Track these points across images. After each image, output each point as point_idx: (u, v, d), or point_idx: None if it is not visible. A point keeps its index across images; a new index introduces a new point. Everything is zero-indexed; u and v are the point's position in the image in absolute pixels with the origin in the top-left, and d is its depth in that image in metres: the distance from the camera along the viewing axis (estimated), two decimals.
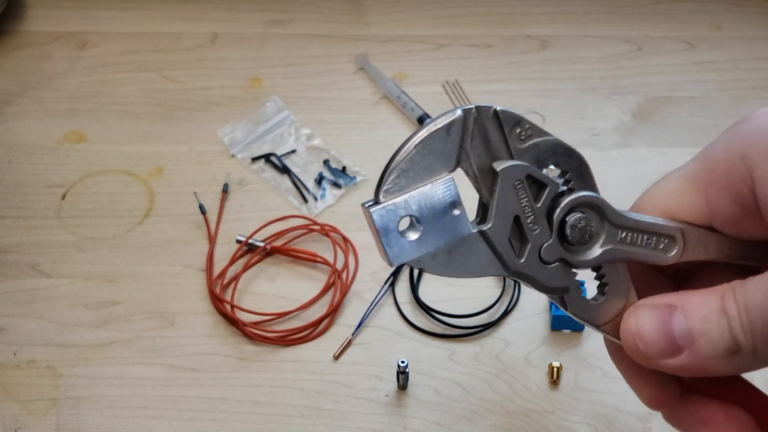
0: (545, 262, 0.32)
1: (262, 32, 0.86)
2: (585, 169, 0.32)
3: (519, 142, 0.31)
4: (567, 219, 0.31)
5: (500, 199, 0.31)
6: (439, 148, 0.30)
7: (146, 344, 0.62)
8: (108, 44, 0.85)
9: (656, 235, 0.33)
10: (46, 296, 0.65)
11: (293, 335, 0.62)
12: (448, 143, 0.30)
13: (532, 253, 0.31)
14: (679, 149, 0.74)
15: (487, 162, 0.31)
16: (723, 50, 0.84)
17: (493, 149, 0.30)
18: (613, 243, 0.32)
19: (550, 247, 0.32)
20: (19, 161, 0.74)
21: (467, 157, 0.30)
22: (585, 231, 0.32)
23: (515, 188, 0.31)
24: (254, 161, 0.73)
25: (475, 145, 0.30)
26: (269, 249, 0.67)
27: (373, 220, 0.29)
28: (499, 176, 0.30)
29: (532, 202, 0.31)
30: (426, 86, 0.80)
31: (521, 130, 0.31)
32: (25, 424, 0.58)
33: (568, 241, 0.32)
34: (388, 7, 0.88)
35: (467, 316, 0.63)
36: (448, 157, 0.30)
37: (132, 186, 0.72)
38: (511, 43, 0.85)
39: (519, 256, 0.31)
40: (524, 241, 0.31)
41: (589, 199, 0.32)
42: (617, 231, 0.32)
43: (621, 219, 0.32)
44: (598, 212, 0.32)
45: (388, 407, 0.58)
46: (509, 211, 0.31)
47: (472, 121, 0.30)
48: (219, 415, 0.58)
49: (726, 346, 0.29)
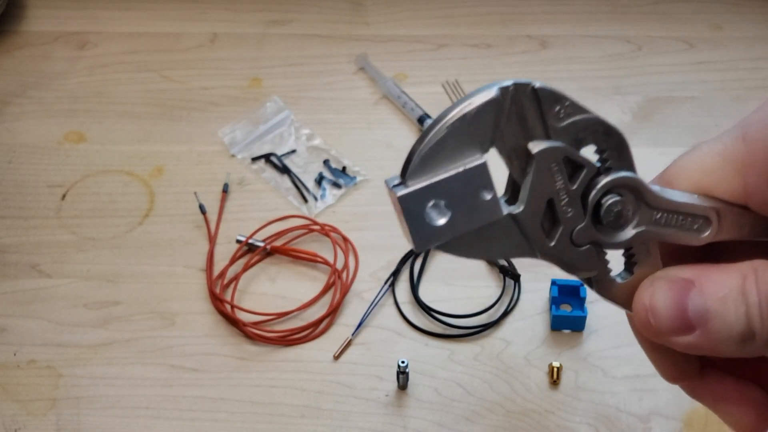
0: (576, 244, 0.30)
1: (262, 32, 0.86)
2: (624, 148, 0.30)
3: (557, 121, 0.29)
4: (603, 202, 0.30)
5: (534, 182, 0.29)
6: (473, 129, 0.28)
7: (146, 344, 0.62)
8: (108, 44, 0.85)
9: (691, 215, 0.31)
10: (46, 296, 0.65)
11: (293, 335, 0.62)
12: (482, 124, 0.28)
13: (564, 236, 0.30)
14: (679, 149, 0.74)
15: (522, 141, 0.29)
16: (723, 50, 0.84)
17: (529, 128, 0.28)
18: (647, 224, 0.31)
19: (583, 230, 0.30)
20: (19, 161, 0.74)
21: (501, 137, 0.28)
22: (621, 214, 0.30)
23: (551, 170, 0.29)
24: (254, 161, 0.73)
25: (510, 124, 0.28)
26: (269, 249, 0.67)
27: (400, 204, 0.27)
28: (534, 159, 0.28)
29: (567, 184, 0.29)
30: (426, 86, 0.80)
31: (560, 107, 0.29)
32: (25, 424, 0.58)
33: (601, 223, 0.30)
34: (388, 7, 0.88)
35: (467, 316, 0.63)
36: (482, 138, 0.28)
37: (132, 186, 0.72)
38: (511, 43, 0.85)
39: (550, 239, 0.30)
40: (556, 223, 0.30)
41: (626, 180, 0.30)
42: (652, 212, 0.31)
43: (657, 200, 0.31)
44: (634, 193, 0.31)
45: (388, 407, 0.58)
46: (543, 195, 0.29)
47: (509, 99, 0.28)
48: (219, 415, 0.58)
49: (740, 331, 0.28)
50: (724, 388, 0.34)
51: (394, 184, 0.28)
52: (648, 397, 0.58)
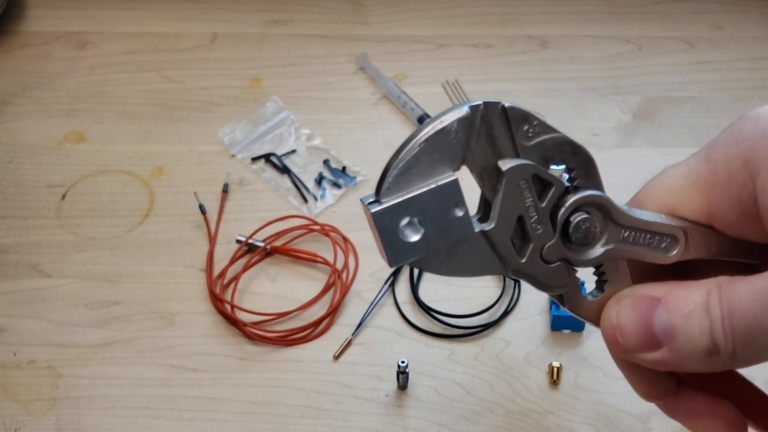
0: (547, 261, 0.31)
1: (262, 32, 0.86)
2: (591, 167, 0.31)
3: (526, 140, 0.30)
4: (571, 219, 0.31)
5: (504, 199, 0.30)
6: (444, 147, 0.28)
7: (146, 344, 0.62)
8: (108, 44, 0.85)
9: (659, 234, 0.32)
10: (46, 296, 0.65)
11: (293, 335, 0.62)
12: (453, 142, 0.29)
13: (534, 253, 0.31)
14: (679, 149, 0.74)
15: (492, 159, 0.29)
16: (723, 50, 0.84)
17: (498, 146, 0.29)
18: (615, 242, 0.32)
19: (553, 247, 0.31)
20: (19, 161, 0.74)
21: (472, 155, 0.29)
22: (589, 232, 0.31)
23: (520, 188, 0.30)
24: (254, 161, 0.73)
25: (480, 142, 0.29)
26: (269, 249, 0.67)
27: (374, 221, 0.28)
28: (504, 176, 0.29)
29: (536, 202, 0.30)
30: (426, 86, 0.80)
31: (529, 126, 0.30)
32: (25, 424, 0.58)
33: (570, 240, 0.31)
34: (388, 7, 0.88)
35: (467, 316, 0.63)
36: (453, 156, 0.29)
37: (132, 186, 0.72)
38: (511, 43, 0.85)
39: (520, 256, 0.31)
40: (526, 240, 0.31)
41: (594, 199, 0.31)
42: (620, 230, 0.32)
43: (625, 219, 0.32)
44: (602, 211, 0.31)
45: (388, 407, 0.58)
46: (513, 212, 0.30)
47: (479, 118, 0.29)
48: (219, 415, 0.58)
49: (705, 347, 0.28)
50: (698, 404, 0.34)
51: (368, 202, 0.28)
52: None
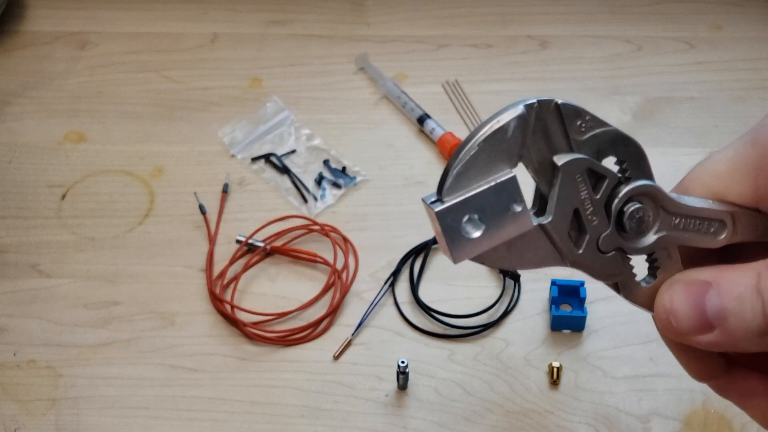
0: (603, 251, 0.32)
1: (262, 32, 0.86)
2: (642, 158, 0.32)
3: (579, 134, 0.31)
4: (625, 209, 0.32)
5: (561, 193, 0.31)
6: (502, 146, 0.30)
7: (146, 344, 0.62)
8: (108, 44, 0.85)
9: (707, 219, 0.33)
10: (46, 296, 0.65)
11: (293, 335, 0.62)
12: (510, 140, 0.30)
13: (590, 244, 0.32)
14: (679, 149, 0.74)
15: (547, 155, 0.31)
16: (723, 50, 0.84)
17: (553, 142, 0.30)
18: (667, 230, 0.33)
19: (608, 237, 0.32)
20: (19, 161, 0.74)
21: (528, 152, 0.30)
22: (642, 221, 0.32)
23: (575, 181, 0.31)
24: (254, 161, 0.73)
25: (536, 139, 0.30)
26: (269, 249, 0.67)
27: (437, 219, 0.29)
28: (560, 170, 0.30)
29: (591, 194, 0.31)
30: (426, 86, 0.80)
31: (581, 121, 0.31)
32: (25, 424, 0.58)
33: (624, 230, 0.32)
34: (388, 7, 0.88)
35: (467, 316, 0.63)
36: (510, 153, 0.30)
37: (132, 186, 0.72)
38: (511, 43, 0.85)
39: (577, 247, 0.32)
40: (582, 231, 0.32)
41: (645, 189, 0.32)
42: (671, 218, 0.33)
43: (675, 206, 0.33)
44: (654, 200, 0.32)
45: (388, 407, 0.59)
46: (569, 205, 0.31)
47: (534, 115, 0.30)
48: (219, 415, 0.58)
49: (758, 327, 0.29)
50: (750, 384, 0.35)
51: (431, 201, 0.30)
52: (647, 397, 0.58)
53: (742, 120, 0.77)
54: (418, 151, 0.75)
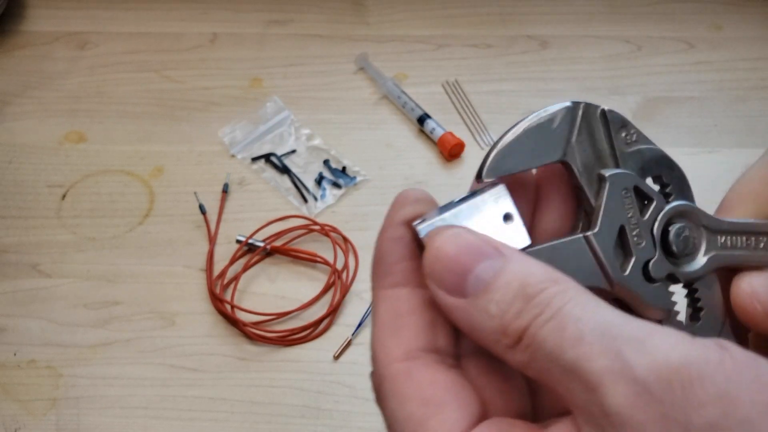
0: (651, 278, 0.30)
1: (262, 32, 0.86)
2: (685, 183, 0.31)
3: (625, 146, 0.30)
4: (669, 229, 0.31)
5: (608, 204, 0.30)
6: (546, 136, 0.29)
7: (146, 344, 0.62)
8: (108, 44, 0.85)
9: (755, 234, 0.32)
10: (46, 296, 0.65)
11: (293, 335, 0.62)
12: (555, 132, 0.30)
13: (636, 268, 0.30)
14: (679, 149, 0.74)
15: (592, 161, 0.30)
16: (723, 50, 0.84)
17: (598, 148, 0.30)
18: (715, 249, 0.31)
19: (658, 262, 0.30)
20: (19, 161, 0.74)
21: (573, 152, 0.30)
22: (688, 240, 0.31)
23: (622, 197, 0.30)
24: (254, 161, 0.73)
25: (582, 139, 0.30)
26: (269, 249, 0.67)
27: None
28: (607, 181, 0.30)
29: (637, 214, 0.30)
30: (426, 86, 0.80)
31: (627, 134, 0.30)
32: (25, 424, 0.58)
33: (672, 253, 0.31)
34: (388, 7, 0.88)
35: None
36: (555, 146, 0.30)
37: (132, 186, 0.72)
38: (511, 43, 0.85)
39: (623, 270, 0.30)
40: (627, 254, 0.30)
41: (685, 208, 0.31)
42: (716, 237, 0.32)
43: (717, 223, 0.32)
44: (693, 220, 0.31)
45: None
46: (615, 219, 0.30)
47: (580, 115, 0.30)
48: (219, 415, 0.58)
49: None
50: None
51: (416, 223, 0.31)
52: None
53: (742, 120, 0.77)
54: (418, 151, 0.75)
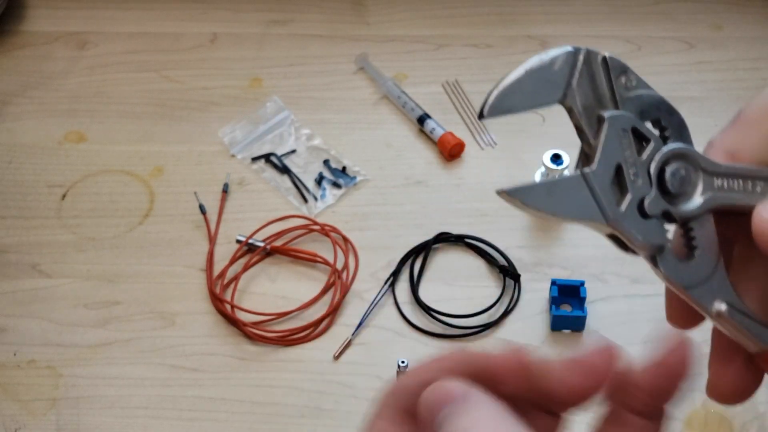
0: (646, 215, 0.31)
1: (262, 32, 0.86)
2: (684, 128, 0.32)
3: (625, 91, 0.31)
4: (665, 169, 0.32)
5: (606, 144, 0.31)
6: (547, 76, 0.30)
7: (146, 344, 0.62)
8: (108, 44, 0.85)
9: (751, 179, 0.32)
10: (46, 296, 0.65)
11: (293, 335, 0.62)
12: (556, 73, 0.30)
13: (632, 205, 0.31)
14: None
15: (592, 104, 0.31)
16: (723, 50, 0.84)
17: (599, 91, 0.31)
18: (711, 191, 0.32)
19: (653, 199, 0.31)
20: (19, 161, 0.74)
21: (573, 95, 0.31)
22: (684, 180, 0.32)
23: (620, 137, 0.31)
24: (254, 161, 0.73)
25: (582, 83, 0.31)
26: (269, 249, 0.67)
27: None
28: (606, 122, 0.31)
29: (634, 154, 0.31)
30: (426, 86, 0.80)
31: (627, 79, 0.31)
32: (25, 424, 0.58)
33: (668, 191, 0.32)
34: (388, 7, 0.88)
35: (467, 316, 0.63)
36: (555, 87, 0.31)
37: (132, 186, 0.72)
38: (511, 43, 0.85)
39: (619, 206, 0.31)
40: (624, 191, 0.31)
41: (682, 150, 0.32)
42: (713, 179, 0.32)
43: (714, 166, 0.32)
44: (691, 162, 0.32)
45: None
46: (612, 158, 0.31)
47: (582, 59, 0.31)
48: (219, 415, 0.58)
49: None
50: None
51: None
52: None
53: None
54: (418, 151, 0.75)
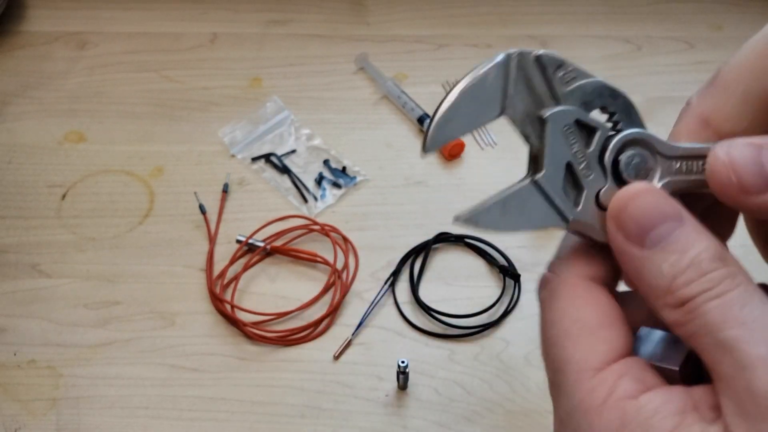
0: (603, 207, 0.30)
1: (262, 32, 0.86)
2: (632, 109, 0.31)
3: (564, 86, 0.30)
4: (620, 158, 0.30)
5: (550, 145, 0.30)
6: (481, 94, 0.29)
7: (146, 344, 0.62)
8: (108, 44, 0.85)
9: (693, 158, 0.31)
10: (46, 296, 0.65)
11: (293, 335, 0.62)
12: (490, 88, 0.29)
13: (589, 200, 0.30)
14: None
15: (533, 108, 0.30)
16: (723, 50, 0.84)
17: (537, 94, 0.30)
18: (670, 175, 0.31)
19: (609, 190, 0.30)
20: (19, 161, 0.74)
21: (512, 104, 0.29)
22: (640, 167, 0.31)
23: (565, 134, 0.30)
24: (254, 161, 0.73)
25: (519, 89, 0.29)
26: (269, 249, 0.67)
27: None
28: (547, 122, 0.29)
29: (583, 147, 0.30)
30: (426, 86, 0.80)
31: (564, 72, 0.30)
32: (25, 424, 0.58)
33: (624, 181, 0.31)
34: (388, 7, 0.88)
35: (467, 316, 0.63)
36: (492, 102, 0.29)
37: (132, 186, 0.72)
38: (511, 43, 0.85)
39: (576, 205, 0.30)
40: (579, 188, 0.30)
41: (636, 136, 0.31)
42: (671, 162, 0.31)
43: (673, 150, 0.31)
44: (648, 147, 0.31)
45: (388, 407, 0.59)
46: (561, 158, 0.30)
47: (515, 66, 0.29)
48: (219, 415, 0.58)
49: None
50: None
51: None
52: None
53: None
54: (418, 151, 0.75)
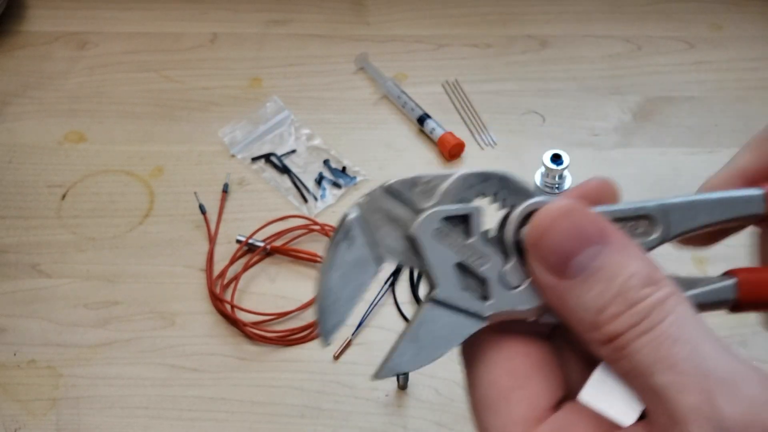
0: (515, 286, 0.28)
1: (262, 32, 0.86)
2: (509, 181, 0.29)
3: (426, 199, 0.28)
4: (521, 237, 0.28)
5: (430, 256, 0.28)
6: (351, 261, 0.27)
7: (146, 344, 0.62)
8: (108, 44, 0.85)
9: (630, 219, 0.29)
10: (46, 296, 0.65)
11: (293, 335, 0.62)
12: (356, 250, 0.27)
13: (496, 287, 0.28)
14: (679, 149, 0.74)
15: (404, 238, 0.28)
16: (723, 50, 0.84)
17: (403, 223, 0.28)
18: None
19: (512, 268, 0.28)
20: (19, 161, 0.74)
21: (386, 247, 0.28)
22: None
23: (438, 238, 0.28)
24: (254, 161, 0.73)
25: (384, 230, 0.28)
26: (269, 249, 0.67)
27: None
28: (415, 238, 0.28)
29: (464, 240, 0.28)
30: (426, 86, 0.80)
31: (421, 187, 0.28)
32: (25, 424, 0.58)
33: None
34: (388, 7, 0.88)
35: None
36: (365, 263, 0.28)
37: (132, 186, 0.72)
38: (511, 43, 0.85)
39: (486, 300, 0.28)
40: (482, 281, 0.28)
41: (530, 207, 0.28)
42: None
43: None
44: None
45: (388, 407, 0.58)
46: (447, 263, 0.28)
47: (370, 211, 0.28)
48: (219, 415, 0.58)
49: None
50: None
51: None
52: None
53: (742, 120, 0.77)
54: (418, 151, 0.75)
